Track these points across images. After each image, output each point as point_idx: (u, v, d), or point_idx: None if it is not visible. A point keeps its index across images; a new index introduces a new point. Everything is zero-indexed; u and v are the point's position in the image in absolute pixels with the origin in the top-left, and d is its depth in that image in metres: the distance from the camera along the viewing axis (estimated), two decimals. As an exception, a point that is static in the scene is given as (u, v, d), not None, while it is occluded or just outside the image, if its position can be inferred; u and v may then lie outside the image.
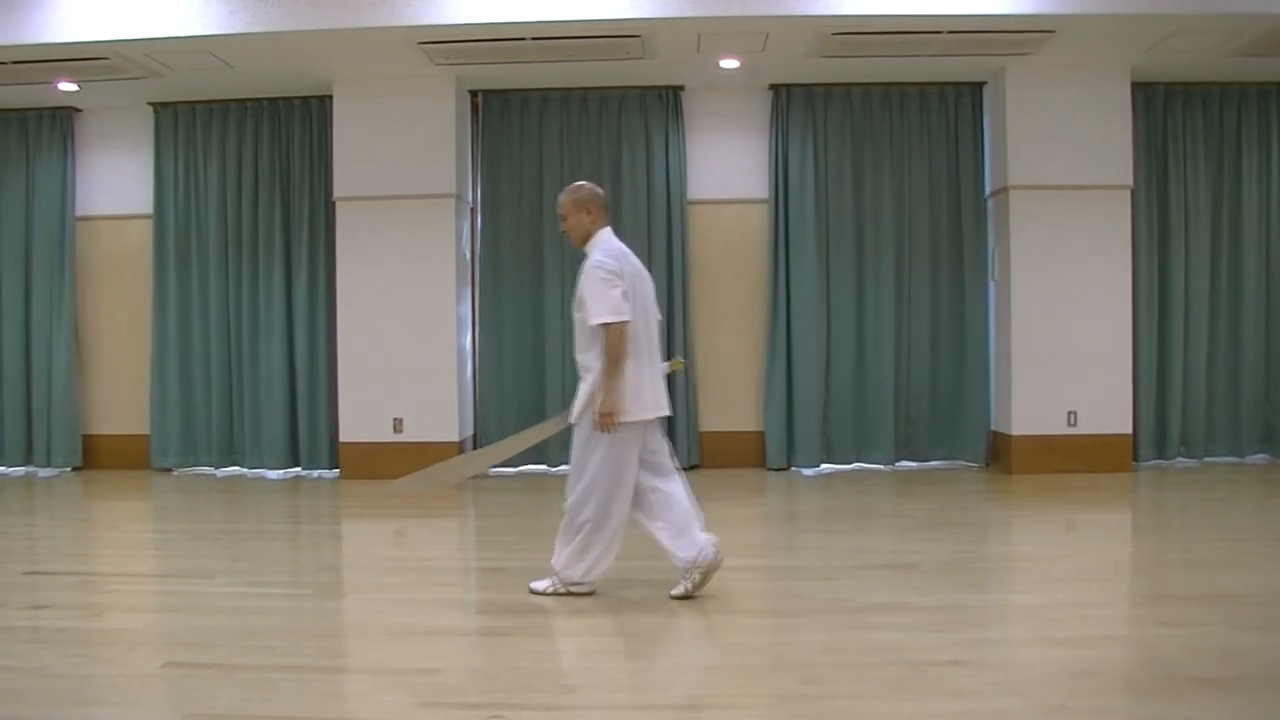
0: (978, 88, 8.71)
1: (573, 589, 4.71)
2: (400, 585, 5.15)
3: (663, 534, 4.70)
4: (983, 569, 5.56)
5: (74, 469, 9.10)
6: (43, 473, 9.07)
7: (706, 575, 4.65)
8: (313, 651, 4.15)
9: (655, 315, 4.86)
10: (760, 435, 8.82)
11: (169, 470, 9.01)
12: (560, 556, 4.74)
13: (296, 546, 6.57)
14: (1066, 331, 8.21)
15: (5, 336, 9.12)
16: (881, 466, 8.73)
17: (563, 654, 4.23)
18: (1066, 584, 5.00)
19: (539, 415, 7.95)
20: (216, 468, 8.97)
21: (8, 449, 9.14)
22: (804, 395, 8.68)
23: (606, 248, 4.72)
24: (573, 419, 4.73)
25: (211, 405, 8.96)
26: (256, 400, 8.88)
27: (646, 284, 4.82)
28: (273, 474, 8.85)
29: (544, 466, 8.69)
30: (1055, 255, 8.21)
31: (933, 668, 3.72)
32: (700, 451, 8.82)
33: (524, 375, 8.79)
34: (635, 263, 4.78)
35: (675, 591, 4.68)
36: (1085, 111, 8.16)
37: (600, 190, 4.88)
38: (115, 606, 4.87)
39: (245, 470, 8.93)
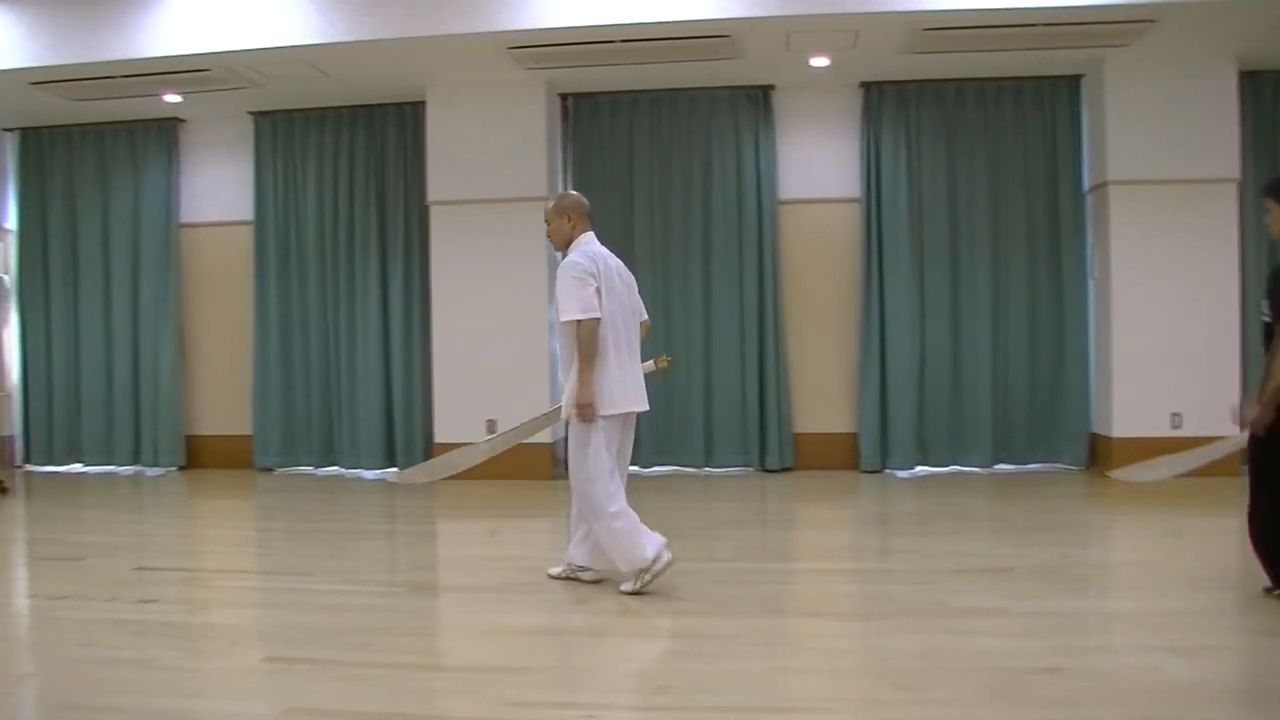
0: (1075, 81, 8.50)
1: (656, 574, 4.74)
2: (493, 584, 5.20)
3: (577, 531, 5.05)
4: (1082, 574, 5.42)
5: (179, 468, 9.39)
6: (150, 472, 9.38)
7: (572, 576, 5.07)
8: (407, 649, 4.23)
9: (639, 315, 5.06)
10: (854, 437, 8.72)
11: (270, 470, 9.25)
12: (618, 560, 4.82)
13: (393, 545, 6.69)
14: (1170, 330, 7.98)
15: (114, 340, 9.47)
16: (978, 469, 8.57)
17: (654, 655, 4.23)
18: (1169, 591, 4.85)
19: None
20: (316, 467, 9.19)
21: (117, 449, 9.48)
22: (898, 396, 8.57)
23: (584, 249, 4.89)
24: (563, 417, 4.92)
25: (311, 406, 9.19)
26: (354, 401, 9.07)
27: (628, 283, 5.01)
28: (370, 474, 9.02)
29: (636, 467, 8.67)
30: (1158, 252, 7.98)
31: (1029, 675, 3.64)
32: (794, 453, 8.75)
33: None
34: (614, 264, 4.95)
35: (554, 571, 5.15)
36: (1189, 102, 7.92)
37: (585, 200, 5.07)
38: (219, 602, 5.02)
39: (343, 470, 9.13)
